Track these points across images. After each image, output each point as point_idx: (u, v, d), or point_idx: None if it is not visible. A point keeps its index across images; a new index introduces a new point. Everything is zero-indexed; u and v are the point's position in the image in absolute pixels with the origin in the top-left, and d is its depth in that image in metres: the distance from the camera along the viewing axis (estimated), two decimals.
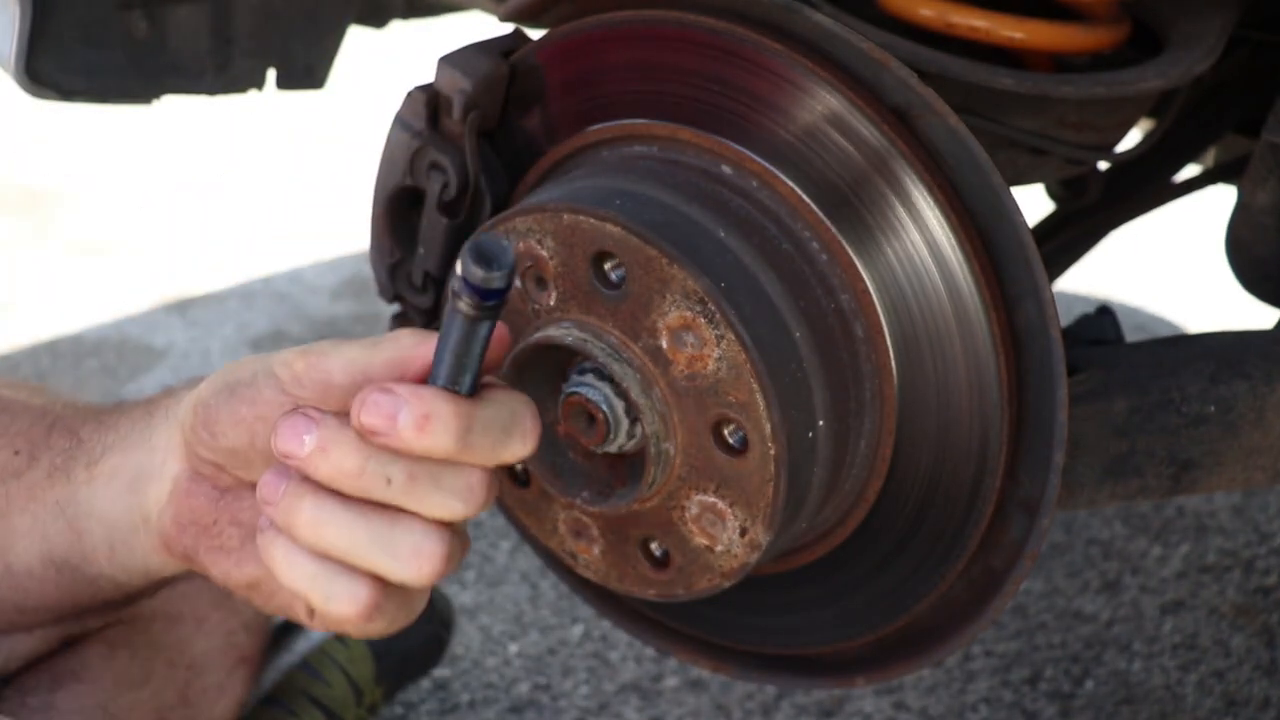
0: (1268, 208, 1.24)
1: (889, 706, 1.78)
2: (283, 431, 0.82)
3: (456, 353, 0.82)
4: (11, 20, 1.52)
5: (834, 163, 1.00)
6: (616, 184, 1.02)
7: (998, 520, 1.02)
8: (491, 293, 0.79)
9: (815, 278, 1.00)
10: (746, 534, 0.98)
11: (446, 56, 1.10)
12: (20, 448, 1.02)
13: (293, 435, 0.82)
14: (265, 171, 3.73)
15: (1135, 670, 1.84)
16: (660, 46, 1.04)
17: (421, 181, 1.12)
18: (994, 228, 0.97)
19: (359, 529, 0.82)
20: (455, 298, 0.80)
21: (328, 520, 0.82)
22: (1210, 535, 2.08)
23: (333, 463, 0.81)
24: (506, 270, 0.79)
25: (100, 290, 3.05)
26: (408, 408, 0.80)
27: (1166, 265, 3.02)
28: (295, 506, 0.82)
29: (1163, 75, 1.15)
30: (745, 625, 1.15)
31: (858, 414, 1.01)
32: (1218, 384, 1.12)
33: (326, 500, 0.82)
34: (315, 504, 0.82)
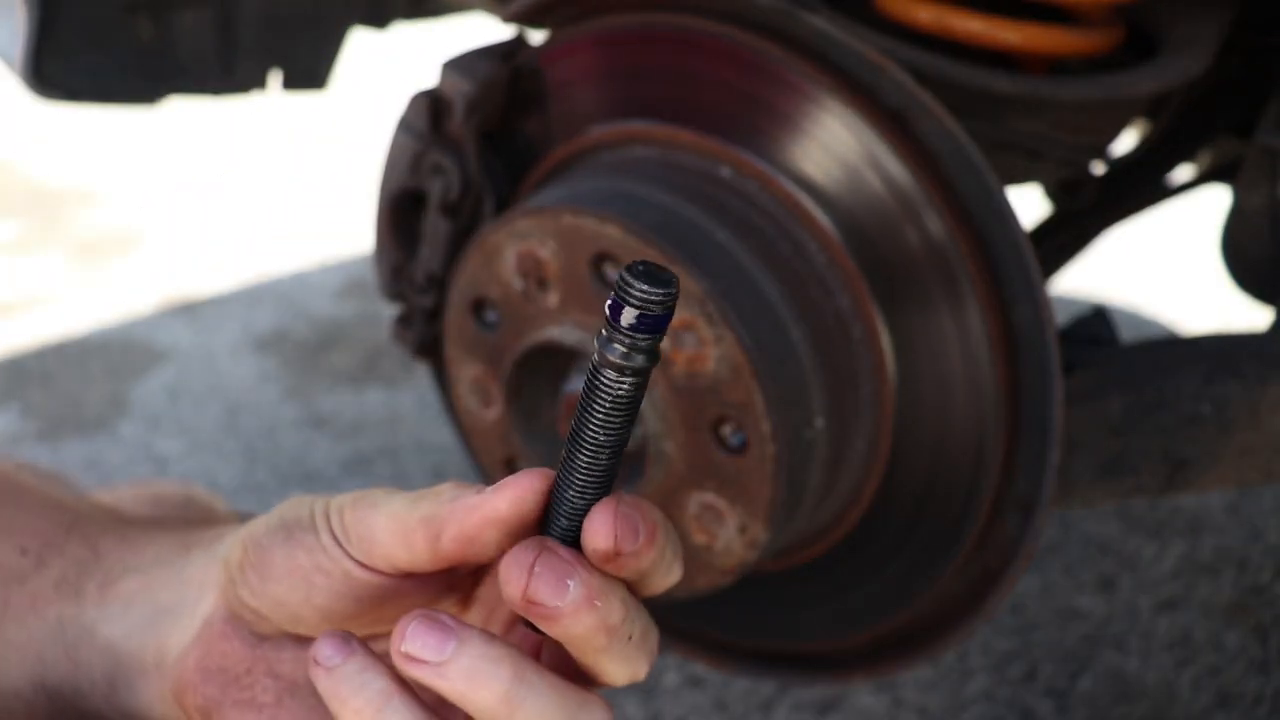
0: (1261, 209, 1.24)
1: (887, 703, 1.79)
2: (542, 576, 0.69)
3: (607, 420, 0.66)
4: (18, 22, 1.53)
5: (833, 165, 1.00)
6: (617, 186, 1.02)
7: (994, 518, 1.02)
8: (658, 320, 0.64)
9: (814, 278, 1.00)
10: (745, 532, 0.99)
11: (449, 61, 1.10)
12: (30, 547, 0.91)
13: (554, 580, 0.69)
14: (268, 172, 3.73)
15: (1131, 667, 1.84)
16: (660, 50, 1.05)
17: (424, 183, 1.13)
18: (990, 229, 0.98)
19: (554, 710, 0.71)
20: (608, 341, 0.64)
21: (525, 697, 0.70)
22: (1205, 533, 2.08)
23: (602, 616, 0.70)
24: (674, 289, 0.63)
25: (105, 291, 3.06)
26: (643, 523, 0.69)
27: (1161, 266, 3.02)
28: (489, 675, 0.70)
29: (1158, 78, 1.15)
30: (744, 622, 1.16)
31: (855, 414, 1.01)
32: (1212, 384, 1.13)
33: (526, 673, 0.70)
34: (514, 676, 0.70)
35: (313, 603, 0.77)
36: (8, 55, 1.57)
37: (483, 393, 1.09)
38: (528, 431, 1.06)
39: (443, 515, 0.72)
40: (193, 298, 3.03)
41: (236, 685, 0.80)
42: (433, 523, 0.72)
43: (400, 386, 2.62)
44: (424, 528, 0.73)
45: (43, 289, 3.09)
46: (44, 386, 2.65)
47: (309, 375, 2.68)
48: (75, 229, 3.42)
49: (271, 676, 0.80)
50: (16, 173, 3.78)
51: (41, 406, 2.58)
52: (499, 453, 1.11)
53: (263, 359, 2.76)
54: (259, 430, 2.49)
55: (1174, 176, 1.57)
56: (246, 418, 2.53)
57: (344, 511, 0.76)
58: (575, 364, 1.03)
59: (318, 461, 2.37)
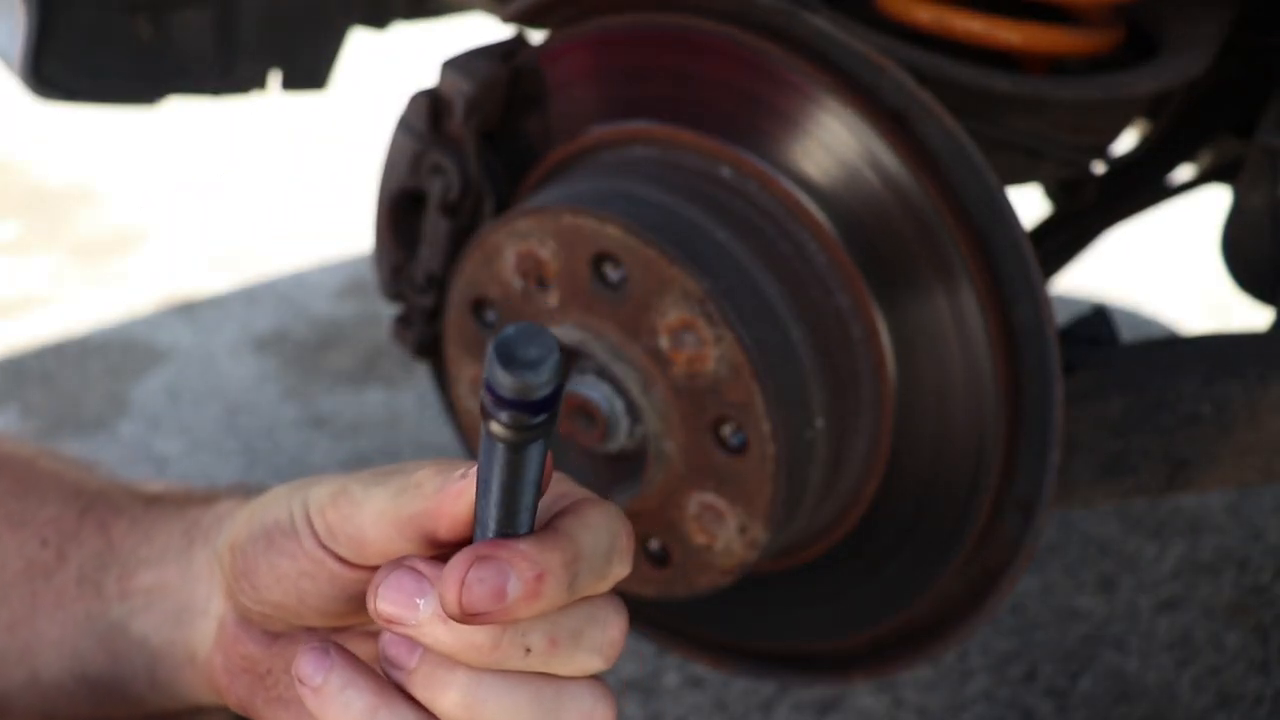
0: (1261, 209, 1.24)
1: (887, 703, 1.79)
2: (386, 594, 0.66)
3: (506, 492, 0.63)
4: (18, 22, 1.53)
5: (832, 164, 1.00)
6: (617, 186, 1.02)
7: (994, 519, 1.02)
8: (535, 404, 0.57)
9: (814, 278, 1.00)
10: (745, 532, 0.99)
11: (449, 60, 1.10)
12: (49, 538, 0.89)
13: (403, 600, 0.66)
14: (268, 172, 3.73)
15: (1131, 667, 1.84)
16: (660, 50, 1.05)
17: (424, 183, 1.13)
18: (990, 229, 0.98)
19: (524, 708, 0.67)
20: (487, 418, 0.58)
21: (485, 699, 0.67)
22: (1205, 534, 2.08)
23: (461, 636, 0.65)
24: (552, 367, 0.56)
25: (104, 291, 3.06)
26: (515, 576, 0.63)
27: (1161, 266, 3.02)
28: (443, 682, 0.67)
29: (1158, 78, 1.15)
30: (744, 623, 1.16)
31: (856, 414, 1.01)
32: (1212, 384, 1.13)
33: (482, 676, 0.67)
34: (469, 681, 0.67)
35: (307, 604, 0.75)
36: (7, 55, 1.56)
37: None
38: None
39: (433, 510, 0.68)
40: (192, 297, 3.03)
41: (262, 685, 0.79)
42: (425, 518, 0.68)
43: (400, 387, 2.62)
44: (415, 524, 0.69)
45: (42, 289, 3.09)
46: (43, 386, 2.65)
47: (309, 375, 2.68)
48: (75, 229, 3.42)
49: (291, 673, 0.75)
50: (16, 172, 3.78)
51: (41, 406, 2.57)
52: None
53: (262, 359, 2.76)
54: (259, 430, 2.49)
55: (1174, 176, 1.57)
56: (246, 418, 2.53)
57: (325, 512, 0.72)
58: (575, 363, 1.03)
59: (317, 462, 2.37)
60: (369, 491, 0.70)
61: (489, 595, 0.63)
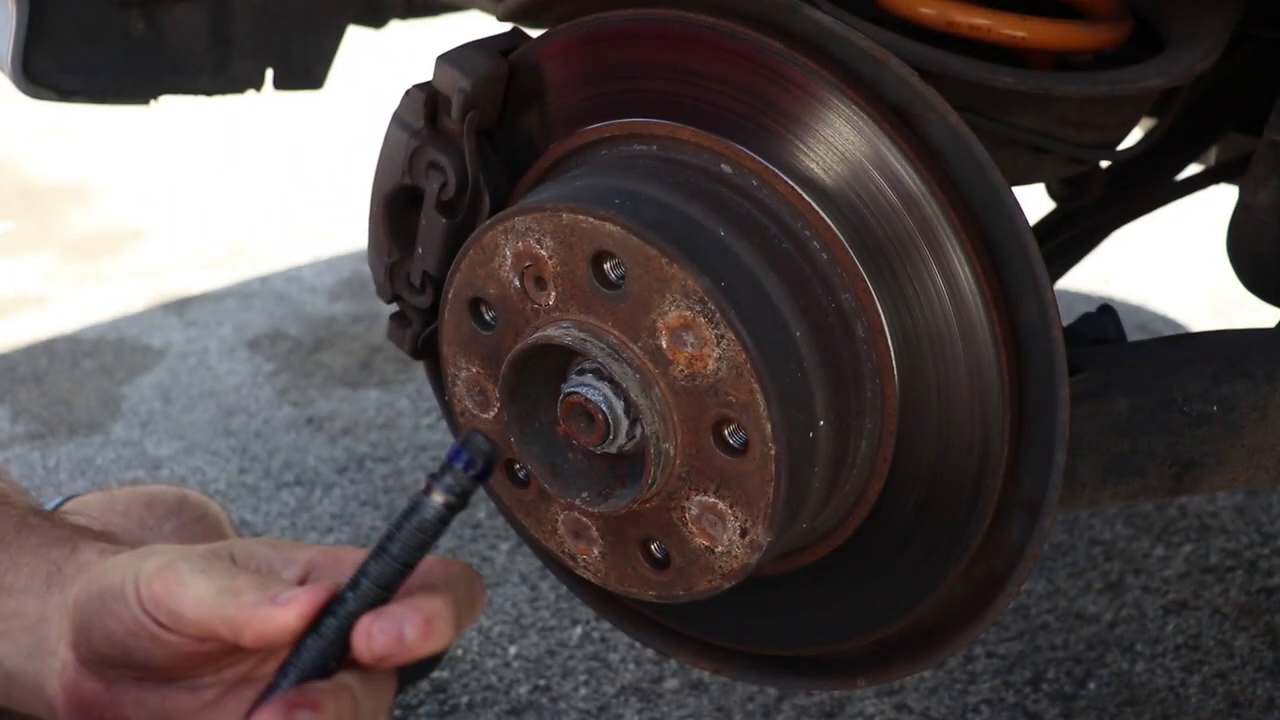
0: (1269, 206, 1.24)
1: (890, 708, 1.78)
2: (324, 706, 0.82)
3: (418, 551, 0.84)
4: (8, 19, 1.51)
5: (835, 161, 0.99)
6: (616, 183, 1.01)
7: (999, 521, 1.01)
8: (485, 475, 0.84)
9: (816, 276, 0.99)
10: (747, 535, 0.98)
11: (445, 55, 1.09)
12: None
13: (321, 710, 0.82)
14: (262, 171, 3.73)
15: (1138, 671, 1.83)
16: (660, 45, 1.04)
17: (420, 181, 1.12)
18: (995, 227, 0.97)
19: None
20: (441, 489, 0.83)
21: None
22: (1213, 535, 2.08)
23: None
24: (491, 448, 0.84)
25: (97, 291, 3.05)
26: (409, 624, 0.82)
27: (1168, 264, 3.02)
28: None
29: (1164, 74, 1.14)
30: (746, 626, 1.15)
31: (859, 414, 1.00)
32: (1220, 383, 1.12)
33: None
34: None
35: (132, 659, 0.86)
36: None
37: (480, 393, 1.08)
38: (525, 432, 1.05)
39: (242, 619, 0.82)
40: (186, 297, 3.03)
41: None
42: (234, 624, 0.82)
43: (396, 387, 2.61)
44: (226, 626, 0.82)
45: (34, 288, 3.08)
46: (35, 387, 2.64)
47: (304, 376, 2.68)
48: (67, 228, 3.42)
49: (126, 717, 0.88)
50: (8, 170, 3.77)
51: (33, 408, 2.56)
52: None
53: (257, 359, 2.75)
54: (253, 432, 2.48)
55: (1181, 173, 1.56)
56: (240, 419, 2.52)
57: (152, 583, 0.83)
58: (574, 363, 1.02)
59: (312, 463, 2.36)
60: (194, 577, 0.83)
61: (391, 641, 0.81)
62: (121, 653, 0.85)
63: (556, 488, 1.04)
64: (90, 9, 1.57)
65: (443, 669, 1.88)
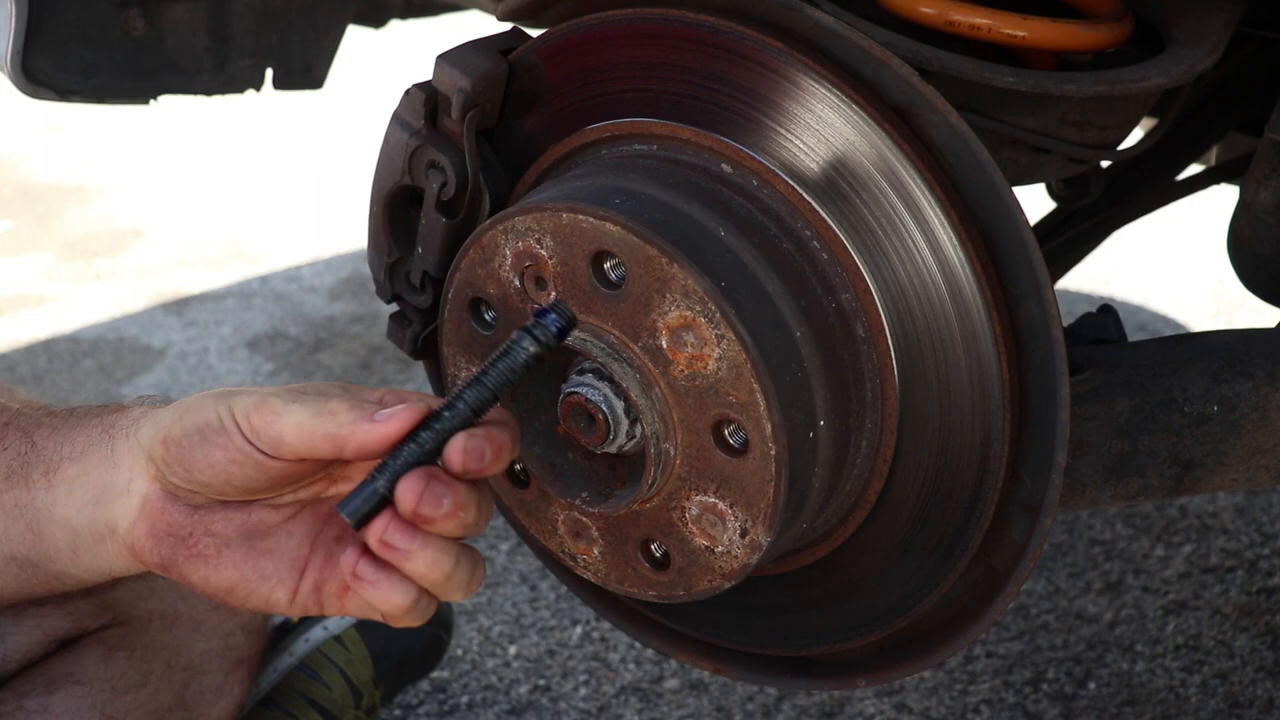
0: (1270, 206, 1.24)
1: (890, 708, 1.78)
2: (428, 498, 0.94)
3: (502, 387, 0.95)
4: (8, 18, 1.51)
5: (835, 161, 0.99)
6: (616, 183, 1.01)
7: (999, 521, 1.01)
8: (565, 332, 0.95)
9: (816, 277, 0.99)
10: (747, 535, 0.98)
11: (445, 54, 1.09)
12: None
13: (434, 500, 0.93)
14: (263, 171, 3.72)
15: (1138, 671, 1.83)
16: (660, 45, 1.04)
17: (420, 180, 1.12)
18: (996, 226, 0.97)
19: (455, 566, 0.97)
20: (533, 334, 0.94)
21: (439, 560, 0.96)
22: (1213, 536, 2.08)
23: (461, 520, 0.95)
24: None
25: (96, 290, 3.05)
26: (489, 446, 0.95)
27: (1168, 264, 3.02)
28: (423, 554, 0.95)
29: (1165, 73, 1.14)
30: (746, 626, 1.15)
31: (859, 414, 1.00)
32: (1221, 383, 1.12)
33: (446, 545, 0.96)
34: (438, 549, 0.96)
35: (232, 484, 0.99)
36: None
37: None
38: (526, 433, 1.05)
39: (344, 434, 0.95)
40: (186, 296, 3.02)
41: (185, 545, 1.02)
42: (336, 438, 0.95)
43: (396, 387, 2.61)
44: (329, 441, 0.96)
45: (33, 287, 3.08)
46: (35, 387, 2.64)
47: (303, 376, 2.67)
48: (67, 227, 3.42)
49: (210, 535, 1.02)
50: (8, 170, 3.77)
51: None
52: None
53: (257, 359, 2.75)
54: None
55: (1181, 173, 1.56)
56: None
57: (250, 416, 0.97)
58: (574, 363, 1.02)
59: None
60: (289, 406, 0.96)
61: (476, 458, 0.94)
62: (224, 479, 0.98)
63: (557, 488, 1.04)
64: (90, 9, 1.56)
65: (443, 669, 1.88)
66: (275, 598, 1.03)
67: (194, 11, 1.63)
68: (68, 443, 1.07)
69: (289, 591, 1.02)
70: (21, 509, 1.07)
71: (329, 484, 1.03)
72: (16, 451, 1.09)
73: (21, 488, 1.07)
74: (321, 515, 1.04)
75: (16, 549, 1.08)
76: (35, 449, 1.08)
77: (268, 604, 1.03)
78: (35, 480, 1.07)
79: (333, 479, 1.03)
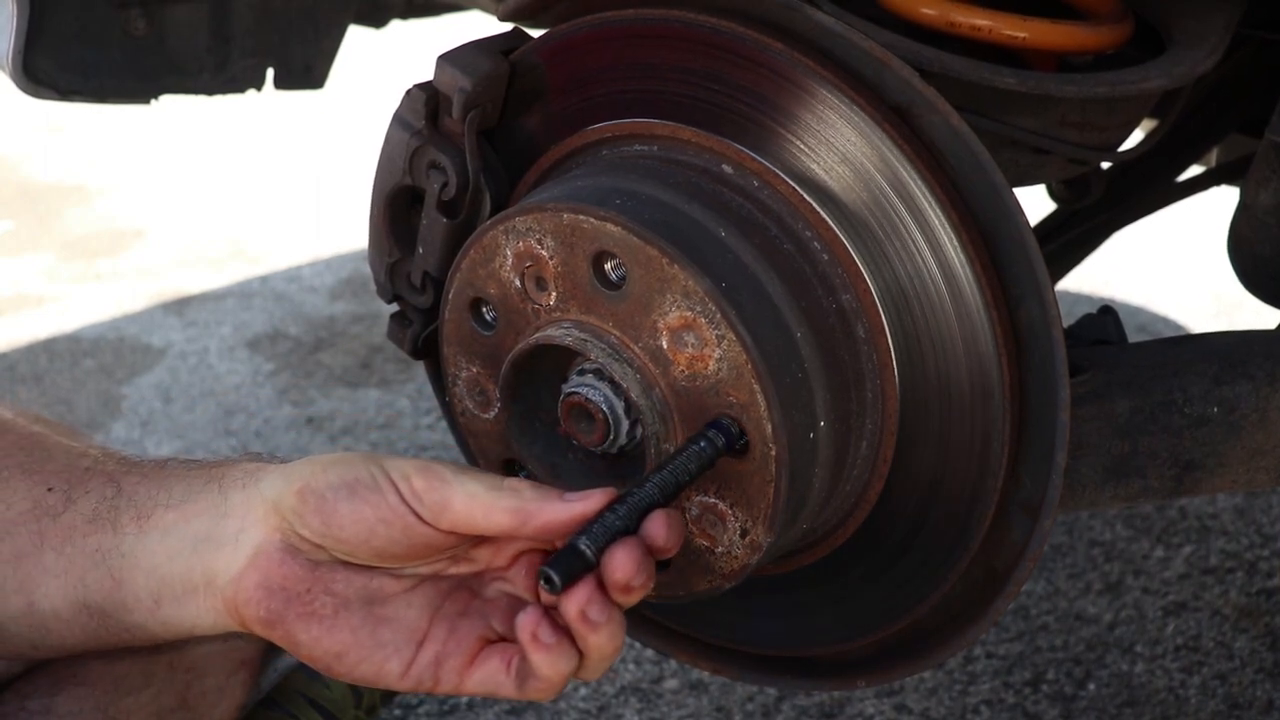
0: (1270, 207, 1.24)
1: (890, 709, 1.78)
2: (642, 569, 0.91)
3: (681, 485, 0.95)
4: (9, 18, 1.51)
5: (836, 161, 0.99)
6: (617, 183, 1.01)
7: (999, 521, 1.01)
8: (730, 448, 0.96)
9: (816, 277, 0.99)
10: (747, 535, 0.98)
11: (446, 54, 1.09)
12: (55, 485, 1.04)
13: (645, 572, 0.92)
14: (263, 171, 3.72)
15: (1138, 672, 1.83)
16: (661, 45, 1.04)
17: (421, 181, 1.12)
18: (996, 227, 0.97)
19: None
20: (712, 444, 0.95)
21: (617, 636, 0.94)
22: (1213, 537, 2.08)
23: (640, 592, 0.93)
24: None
25: (97, 290, 3.05)
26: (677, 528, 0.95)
27: (1168, 265, 3.02)
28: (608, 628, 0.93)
29: (1166, 75, 1.14)
30: (746, 627, 1.15)
31: (859, 415, 1.00)
32: (1221, 384, 1.12)
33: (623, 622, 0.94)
34: (620, 625, 0.94)
35: (371, 544, 0.95)
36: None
37: (480, 393, 1.08)
38: (526, 433, 1.05)
39: (532, 510, 0.93)
40: (186, 296, 3.02)
41: (299, 601, 0.97)
42: (522, 513, 0.93)
43: (396, 387, 2.61)
44: (511, 516, 0.93)
45: (34, 287, 3.08)
46: (35, 387, 2.64)
47: (304, 375, 2.67)
48: (67, 227, 3.42)
49: (329, 594, 0.97)
50: (8, 170, 3.77)
51: (32, 406, 2.56)
52: (497, 454, 1.09)
53: (257, 359, 2.75)
54: (253, 432, 2.48)
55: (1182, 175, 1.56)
56: (240, 419, 2.52)
57: (412, 479, 0.94)
58: (574, 364, 1.02)
59: None
60: (460, 476, 0.95)
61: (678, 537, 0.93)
62: (364, 538, 0.95)
63: (557, 488, 1.04)
64: (90, 8, 1.57)
65: None
66: (388, 668, 0.98)
67: (195, 11, 1.63)
68: (163, 491, 1.02)
69: (404, 663, 0.98)
70: (104, 553, 1.02)
71: (451, 563, 1.00)
72: (102, 495, 1.03)
73: (108, 532, 1.02)
74: (442, 590, 1.00)
75: (91, 596, 1.03)
76: (124, 494, 1.03)
77: (378, 674, 0.99)
78: (124, 525, 1.02)
79: (456, 558, 1.00)
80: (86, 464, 1.06)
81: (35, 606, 1.04)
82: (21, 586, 1.04)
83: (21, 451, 1.08)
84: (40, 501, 1.04)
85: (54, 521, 1.03)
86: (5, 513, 1.04)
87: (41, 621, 1.04)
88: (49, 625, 1.04)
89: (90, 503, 1.03)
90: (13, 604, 1.04)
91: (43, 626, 1.05)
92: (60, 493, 1.04)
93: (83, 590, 1.02)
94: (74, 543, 1.02)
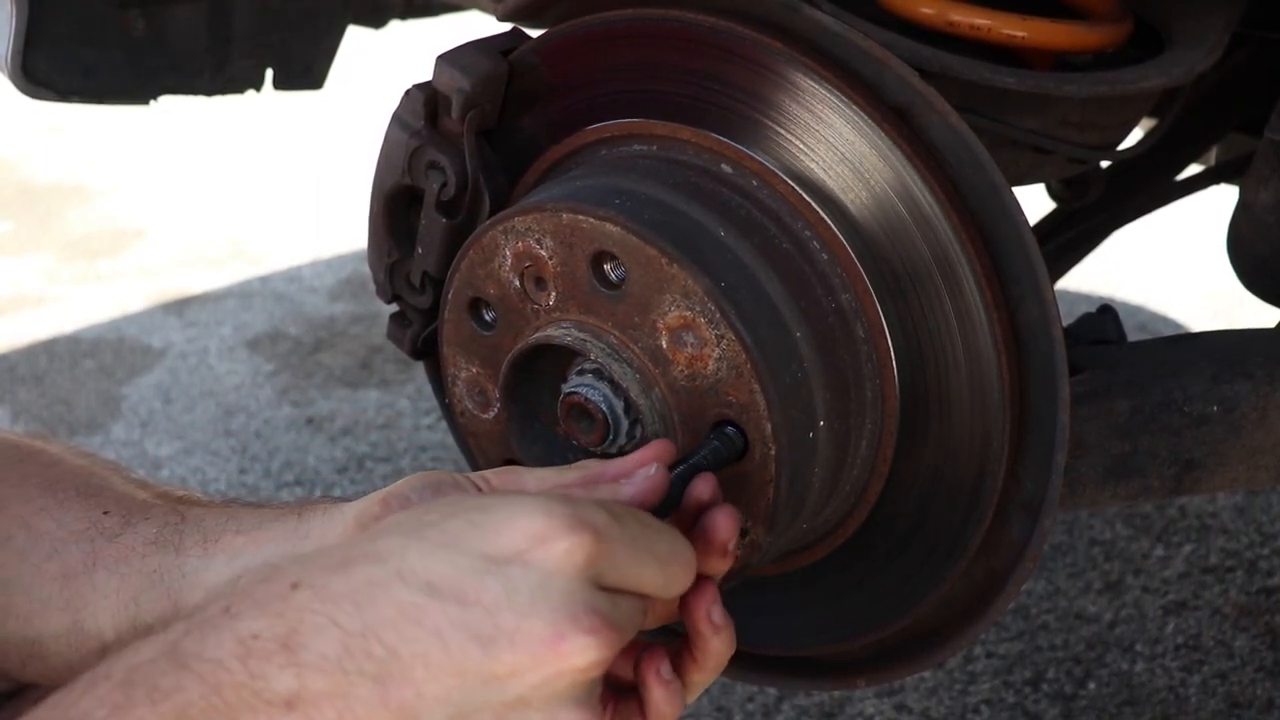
0: (1270, 206, 1.23)
1: (890, 708, 1.78)
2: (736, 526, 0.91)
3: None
4: (8, 18, 1.51)
5: (835, 161, 0.99)
6: (616, 183, 1.01)
7: (999, 521, 1.01)
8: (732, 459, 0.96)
9: (816, 277, 0.99)
10: (747, 535, 0.98)
11: (445, 55, 1.09)
12: (111, 509, 1.03)
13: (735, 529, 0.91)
14: (263, 171, 3.73)
15: (1138, 671, 1.83)
16: (660, 45, 1.04)
17: (420, 181, 1.12)
18: (996, 227, 0.97)
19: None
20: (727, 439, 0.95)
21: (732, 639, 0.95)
22: (1213, 536, 2.08)
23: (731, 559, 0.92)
24: None
25: (96, 290, 3.05)
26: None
27: (1168, 264, 3.02)
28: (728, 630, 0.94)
29: (1165, 74, 1.14)
30: (746, 627, 1.14)
31: (859, 414, 1.00)
32: (1220, 383, 1.12)
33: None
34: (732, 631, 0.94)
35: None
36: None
37: (480, 394, 1.08)
38: (525, 433, 1.05)
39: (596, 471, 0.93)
40: (186, 297, 3.03)
41: None
42: (591, 474, 0.93)
43: (396, 387, 2.61)
44: (583, 477, 0.93)
45: (33, 288, 3.08)
46: (35, 387, 2.64)
47: (304, 376, 2.67)
48: (67, 227, 3.42)
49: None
50: (7, 170, 3.77)
51: (33, 407, 2.56)
52: (497, 455, 1.09)
53: (257, 359, 2.75)
54: (253, 432, 2.48)
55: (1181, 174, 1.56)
56: (240, 419, 2.52)
57: (489, 478, 0.96)
58: (574, 364, 1.02)
59: (312, 463, 2.36)
60: (532, 470, 0.97)
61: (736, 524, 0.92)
62: None
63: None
64: (90, 9, 1.57)
65: None
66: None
67: (194, 12, 1.63)
68: (233, 520, 1.01)
69: None
70: (163, 574, 1.00)
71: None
72: (165, 520, 1.02)
73: (170, 553, 1.00)
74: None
75: (143, 616, 0.99)
76: (188, 521, 1.02)
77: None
78: (188, 548, 1.00)
79: None
80: (145, 496, 1.05)
81: (80, 625, 1.01)
82: (69, 604, 1.01)
83: (79, 479, 1.06)
84: (96, 523, 1.02)
85: (109, 542, 1.01)
86: (57, 530, 1.02)
87: (83, 643, 1.01)
88: (90, 649, 1.00)
89: (151, 528, 1.01)
90: (56, 621, 1.01)
91: (84, 649, 1.01)
92: (118, 517, 1.02)
93: (134, 609, 0.99)
94: (130, 563, 1.00)
